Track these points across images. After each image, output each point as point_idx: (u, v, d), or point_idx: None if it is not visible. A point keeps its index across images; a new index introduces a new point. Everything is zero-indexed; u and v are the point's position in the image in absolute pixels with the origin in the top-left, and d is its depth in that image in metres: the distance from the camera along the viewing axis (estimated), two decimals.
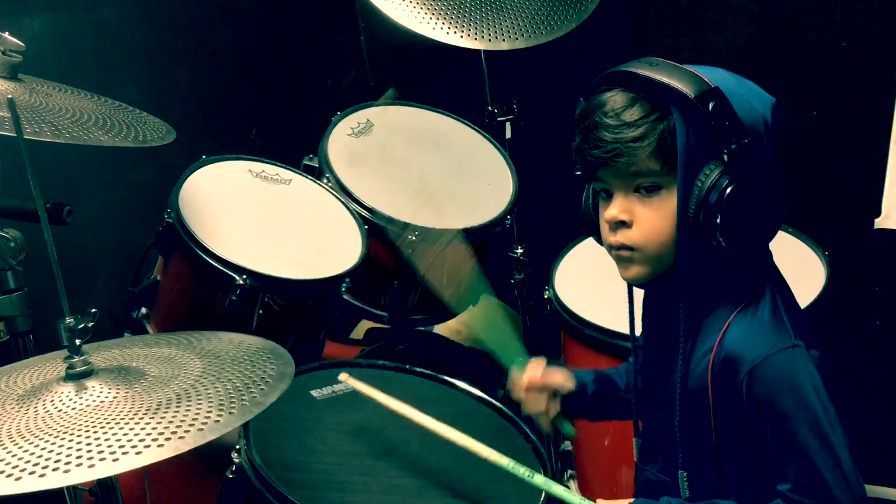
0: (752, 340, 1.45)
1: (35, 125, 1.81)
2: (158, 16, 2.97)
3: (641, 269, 1.50)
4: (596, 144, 1.45)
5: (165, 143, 2.06)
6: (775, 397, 1.42)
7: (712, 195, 1.40)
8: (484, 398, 1.97)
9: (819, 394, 1.43)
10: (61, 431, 1.30)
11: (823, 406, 1.42)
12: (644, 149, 1.42)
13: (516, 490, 1.70)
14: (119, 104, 2.16)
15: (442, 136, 2.73)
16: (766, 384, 1.43)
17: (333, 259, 2.27)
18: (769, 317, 1.47)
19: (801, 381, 1.43)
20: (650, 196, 1.46)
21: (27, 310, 2.03)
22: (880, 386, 2.81)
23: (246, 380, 1.44)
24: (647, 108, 1.43)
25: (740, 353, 1.44)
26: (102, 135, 1.92)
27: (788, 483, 1.43)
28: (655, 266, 1.49)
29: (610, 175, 1.48)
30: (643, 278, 1.51)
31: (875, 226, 2.41)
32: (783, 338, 1.45)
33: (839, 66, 2.73)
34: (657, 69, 1.43)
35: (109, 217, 2.86)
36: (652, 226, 1.46)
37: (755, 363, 1.43)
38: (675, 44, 2.96)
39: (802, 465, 1.42)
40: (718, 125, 1.40)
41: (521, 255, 2.68)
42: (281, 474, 1.64)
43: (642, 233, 1.47)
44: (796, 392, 1.42)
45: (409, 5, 2.53)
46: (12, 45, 1.98)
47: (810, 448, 1.41)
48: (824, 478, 1.40)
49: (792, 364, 1.44)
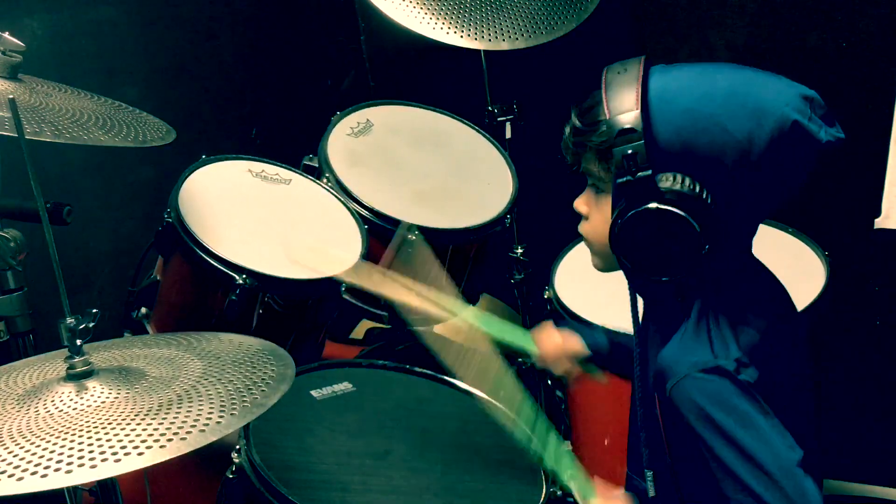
0: (675, 360, 1.45)
1: (35, 125, 1.81)
2: (158, 16, 2.97)
3: (596, 260, 1.58)
4: (563, 138, 1.52)
5: (166, 143, 2.06)
6: (692, 420, 1.42)
7: (617, 221, 1.42)
8: (484, 398, 1.97)
9: (738, 414, 1.40)
10: (62, 432, 1.30)
11: (746, 426, 1.39)
12: (585, 154, 1.48)
13: (516, 490, 1.71)
14: (119, 104, 2.16)
15: (442, 136, 2.73)
16: (680, 407, 1.44)
17: (333, 259, 2.27)
18: (692, 336, 1.46)
19: (714, 403, 1.41)
20: (597, 195, 1.51)
21: (27, 310, 2.03)
22: (880, 386, 2.81)
23: (247, 381, 1.44)
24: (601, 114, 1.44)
25: (666, 368, 1.46)
26: (102, 135, 1.92)
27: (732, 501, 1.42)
28: (605, 260, 1.55)
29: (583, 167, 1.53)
30: (600, 269, 1.58)
31: (875, 226, 2.41)
32: (705, 357, 1.43)
33: (839, 66, 2.73)
34: (614, 76, 1.44)
35: (109, 217, 2.85)
36: (595, 224, 1.53)
37: (675, 382, 1.43)
38: (675, 44, 2.96)
39: (735, 484, 1.40)
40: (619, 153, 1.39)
41: (521, 255, 2.68)
42: (281, 474, 1.64)
43: (591, 227, 1.55)
44: (710, 415, 1.40)
45: (409, 5, 2.53)
46: (12, 45, 1.98)
47: (736, 469, 1.40)
48: (759, 496, 1.38)
49: (705, 386, 1.42)
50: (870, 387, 2.80)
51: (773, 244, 2.33)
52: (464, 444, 1.78)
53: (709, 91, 1.40)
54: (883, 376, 2.81)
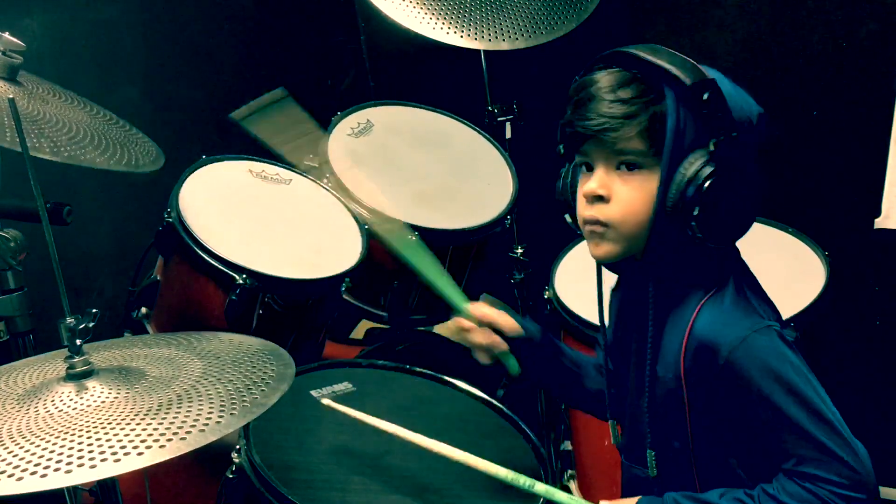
0: (726, 326, 1.47)
1: (35, 139, 1.82)
2: (158, 16, 2.97)
3: (612, 247, 1.51)
4: (588, 117, 1.47)
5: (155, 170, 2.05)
6: (758, 379, 1.45)
7: (693, 183, 1.43)
8: (484, 398, 1.97)
9: (799, 370, 1.46)
10: (62, 432, 1.30)
11: (806, 381, 1.45)
12: (633, 127, 1.45)
13: (516, 490, 1.70)
14: (112, 118, 2.15)
15: (442, 136, 2.73)
16: (746, 366, 1.45)
17: (333, 259, 2.27)
18: (736, 303, 1.49)
19: (780, 359, 1.45)
20: (631, 174, 1.48)
21: (27, 310, 2.03)
22: (880, 386, 2.81)
23: (247, 381, 1.44)
24: (641, 88, 1.46)
25: (715, 339, 1.46)
26: (98, 156, 1.92)
27: (793, 458, 1.45)
28: (626, 246, 1.51)
29: (594, 150, 1.49)
30: (612, 257, 1.53)
31: (875, 226, 2.41)
32: (755, 320, 1.48)
33: (839, 66, 2.73)
34: (658, 54, 1.46)
35: (109, 217, 2.85)
36: (629, 204, 1.48)
37: (733, 347, 1.45)
38: (675, 44, 2.93)
39: (801, 438, 1.44)
40: (710, 115, 1.42)
41: (521, 255, 2.69)
42: (281, 474, 1.64)
43: (619, 209, 1.49)
44: (777, 371, 1.45)
45: (409, 5, 2.53)
46: (12, 45, 1.98)
47: (802, 422, 1.44)
48: (825, 444, 1.43)
49: (768, 344, 1.46)
50: (870, 387, 2.79)
51: (773, 244, 2.33)
52: (464, 444, 1.78)
53: (719, 76, 1.47)
54: (883, 376, 2.81)
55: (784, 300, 1.60)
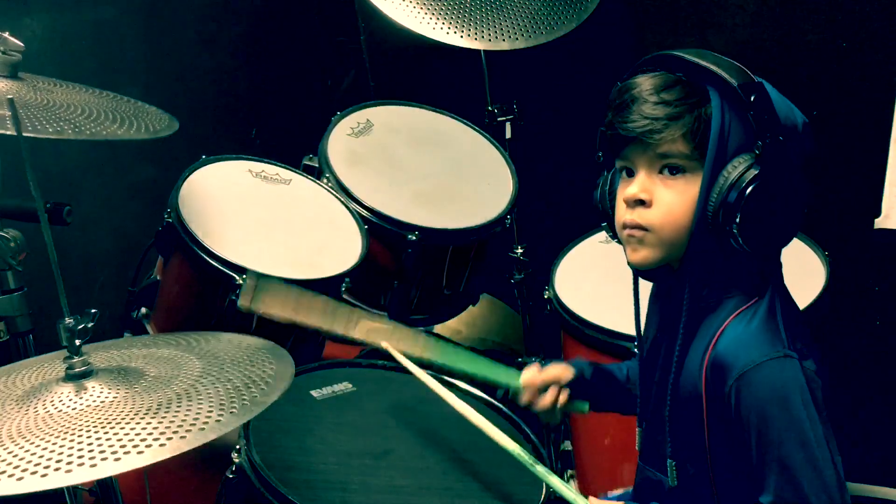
0: (744, 347, 1.43)
1: (54, 123, 1.82)
2: (159, 16, 2.97)
3: (651, 252, 1.48)
4: (631, 119, 1.44)
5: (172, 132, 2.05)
6: (763, 407, 1.41)
7: (736, 188, 1.40)
8: (484, 398, 1.97)
9: (808, 408, 1.40)
10: (62, 431, 1.30)
11: (812, 420, 1.40)
12: (678, 129, 1.43)
13: (516, 490, 1.70)
14: (118, 96, 2.16)
15: (442, 136, 2.73)
16: (753, 394, 1.41)
17: (333, 259, 2.27)
18: (765, 323, 1.45)
19: (790, 393, 1.41)
20: (674, 178, 1.45)
21: (27, 310, 2.03)
22: (880, 386, 2.81)
23: (246, 380, 1.44)
24: (686, 90, 1.44)
25: (731, 359, 1.43)
26: (117, 129, 1.93)
27: (770, 496, 1.41)
28: (665, 251, 1.48)
29: (636, 153, 1.47)
30: (651, 263, 1.50)
31: (875, 226, 2.41)
32: (776, 347, 1.43)
33: (839, 66, 2.73)
34: (704, 56, 1.44)
35: (109, 217, 2.85)
36: (671, 208, 1.45)
37: (744, 371, 1.42)
38: (675, 44, 2.95)
39: (785, 478, 1.40)
40: (757, 117, 1.40)
41: (521, 255, 2.69)
42: (281, 474, 1.64)
43: (660, 214, 1.46)
44: (784, 404, 1.40)
45: (409, 5, 2.53)
46: (12, 44, 1.98)
47: (794, 462, 1.39)
48: (806, 495, 1.38)
49: (781, 375, 1.42)
50: (870, 387, 2.79)
51: None
52: (464, 443, 1.78)
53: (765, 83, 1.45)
54: (883, 377, 2.81)
55: None
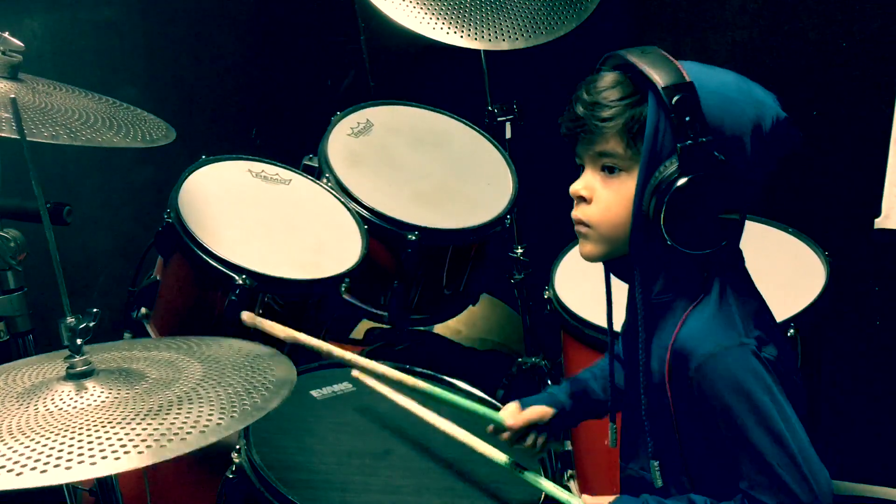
0: (701, 337, 1.46)
1: (50, 128, 1.82)
2: (159, 16, 2.97)
3: (594, 247, 1.53)
4: (570, 117, 1.50)
5: (169, 143, 2.06)
6: (723, 397, 1.43)
7: (659, 189, 1.43)
8: (484, 398, 1.97)
9: (770, 392, 1.43)
10: (62, 429, 1.30)
11: (775, 403, 1.42)
12: (609, 129, 1.46)
13: (516, 490, 1.70)
14: (116, 102, 2.16)
15: (442, 136, 2.73)
16: (712, 383, 1.44)
17: (333, 259, 2.27)
18: (717, 314, 1.47)
19: (746, 380, 1.43)
20: (612, 176, 1.49)
21: (27, 310, 2.03)
22: (880, 386, 2.81)
23: (247, 384, 1.44)
24: (627, 91, 1.46)
25: (690, 349, 1.46)
26: (113, 136, 1.93)
27: (745, 481, 1.44)
28: (608, 246, 1.52)
29: (583, 150, 1.51)
30: (595, 257, 1.55)
31: (875, 226, 2.41)
32: (730, 335, 1.45)
33: (839, 66, 2.73)
34: (645, 56, 1.46)
35: (109, 217, 2.86)
36: (607, 206, 1.50)
37: (701, 361, 1.44)
38: (675, 44, 2.96)
39: (756, 463, 1.42)
40: (678, 119, 1.41)
41: (521, 255, 2.69)
42: (281, 474, 1.64)
43: (598, 211, 1.51)
44: (742, 391, 1.42)
45: (409, 5, 2.53)
46: (12, 45, 1.98)
47: (762, 447, 1.41)
48: (779, 475, 1.40)
49: (737, 363, 1.44)
50: (870, 387, 2.80)
51: (774, 244, 2.33)
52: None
53: (724, 80, 1.47)
54: (883, 377, 2.81)
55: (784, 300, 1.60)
